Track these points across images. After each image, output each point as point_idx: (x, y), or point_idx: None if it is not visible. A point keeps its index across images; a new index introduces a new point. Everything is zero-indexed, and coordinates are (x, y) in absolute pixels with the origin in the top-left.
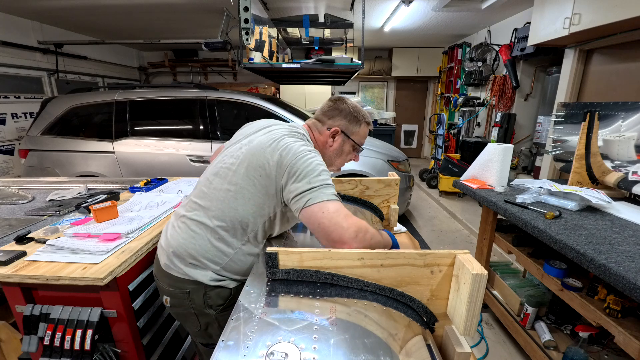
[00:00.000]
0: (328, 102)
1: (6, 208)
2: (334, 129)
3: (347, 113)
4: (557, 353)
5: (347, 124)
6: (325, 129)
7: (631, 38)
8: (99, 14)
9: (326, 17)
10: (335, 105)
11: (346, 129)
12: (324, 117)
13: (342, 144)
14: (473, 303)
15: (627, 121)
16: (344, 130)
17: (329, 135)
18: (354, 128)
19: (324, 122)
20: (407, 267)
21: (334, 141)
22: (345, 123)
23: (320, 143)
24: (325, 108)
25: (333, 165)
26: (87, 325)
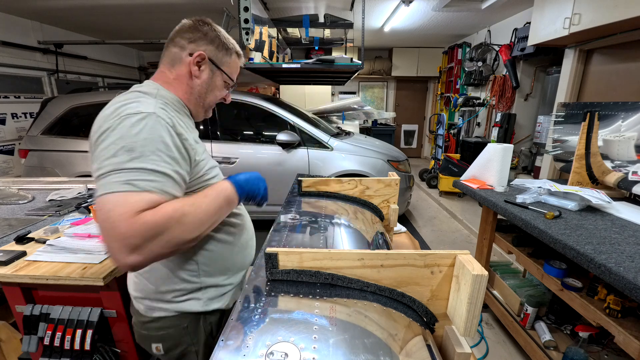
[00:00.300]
0: (188, 22)
1: (6, 208)
2: (198, 53)
3: (213, 37)
4: (557, 353)
5: (216, 51)
6: (186, 56)
7: (631, 38)
8: (99, 14)
9: (326, 17)
10: (196, 27)
11: (215, 56)
12: (183, 41)
13: (211, 76)
14: (473, 304)
15: (627, 121)
16: (211, 57)
17: (192, 62)
18: (224, 57)
19: (184, 47)
20: (407, 267)
21: (201, 71)
22: (212, 49)
23: (183, 77)
24: (183, 28)
25: (203, 104)
26: (87, 325)
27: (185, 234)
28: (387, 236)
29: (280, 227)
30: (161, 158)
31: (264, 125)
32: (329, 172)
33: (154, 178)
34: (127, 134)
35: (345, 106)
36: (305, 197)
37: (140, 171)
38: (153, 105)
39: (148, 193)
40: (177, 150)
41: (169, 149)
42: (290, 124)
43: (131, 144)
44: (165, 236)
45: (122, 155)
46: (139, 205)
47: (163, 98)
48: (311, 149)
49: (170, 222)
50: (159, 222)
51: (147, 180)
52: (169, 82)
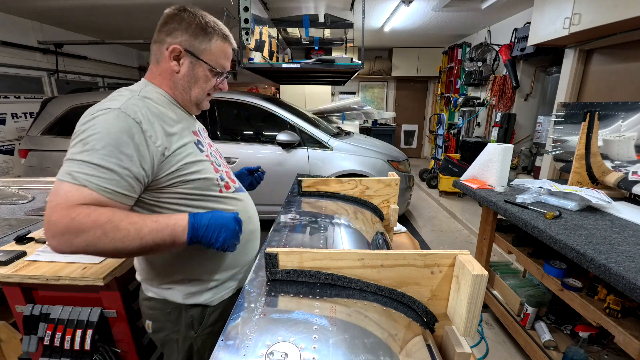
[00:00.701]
0: (166, 12)
1: (6, 208)
2: (172, 47)
3: (189, 23)
4: (557, 353)
5: (192, 40)
6: (164, 50)
7: (631, 38)
8: (99, 14)
9: (326, 17)
10: (174, 17)
11: (191, 46)
12: (162, 34)
13: (192, 68)
14: (473, 304)
15: (627, 121)
16: (188, 48)
17: (168, 57)
18: (201, 44)
19: (163, 41)
20: (407, 267)
21: (180, 65)
22: (187, 38)
23: (166, 73)
24: (162, 22)
25: (189, 97)
26: (87, 325)
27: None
28: (387, 236)
29: (280, 227)
30: (111, 153)
31: (264, 125)
32: (329, 172)
33: (95, 173)
34: (88, 128)
35: (345, 106)
36: (305, 197)
37: (84, 164)
38: (122, 102)
39: (85, 188)
40: (134, 147)
41: (123, 144)
42: (290, 124)
43: (87, 138)
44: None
45: (77, 147)
46: (75, 199)
47: (146, 94)
48: (311, 149)
49: (96, 229)
50: (85, 224)
51: (88, 175)
52: (155, 77)
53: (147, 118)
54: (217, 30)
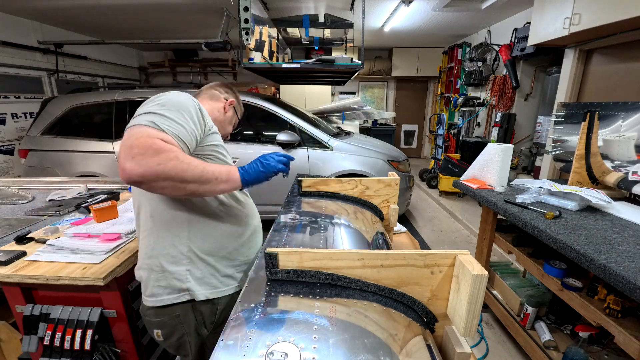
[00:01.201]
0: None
1: (6, 208)
2: (232, 100)
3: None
4: (557, 353)
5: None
6: (222, 98)
7: (631, 38)
8: (99, 14)
9: (326, 17)
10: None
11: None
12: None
13: (232, 115)
14: (473, 304)
15: (627, 121)
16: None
17: (228, 103)
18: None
19: (221, 92)
20: (408, 267)
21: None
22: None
23: (218, 108)
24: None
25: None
26: (87, 325)
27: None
28: (387, 236)
29: (280, 227)
30: (182, 115)
31: (264, 125)
32: (329, 172)
33: (171, 124)
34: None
35: (345, 106)
36: (305, 197)
37: (163, 117)
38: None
39: (164, 133)
40: (197, 118)
41: (190, 114)
42: (290, 124)
43: (164, 102)
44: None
45: (155, 106)
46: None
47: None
48: (311, 149)
49: (169, 152)
50: (162, 146)
51: (166, 125)
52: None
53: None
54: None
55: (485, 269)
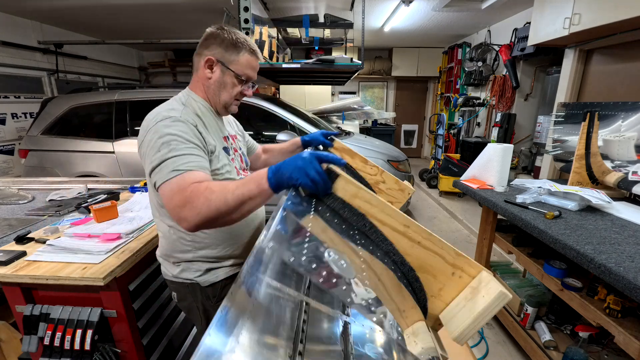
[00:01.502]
0: (207, 30)
1: (6, 208)
2: (207, 57)
3: (223, 39)
4: (557, 353)
5: (223, 52)
6: (202, 63)
7: (631, 38)
8: (99, 14)
9: (326, 17)
10: (212, 34)
11: (222, 57)
12: (201, 48)
13: (221, 76)
14: (482, 317)
15: (627, 121)
16: (220, 59)
17: (203, 66)
18: (231, 56)
19: (201, 54)
20: (437, 257)
21: (212, 72)
22: (221, 51)
23: (201, 79)
24: (202, 39)
25: (219, 101)
26: (87, 325)
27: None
28: None
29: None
30: (188, 145)
31: (264, 125)
32: None
33: (188, 160)
34: (165, 134)
35: (345, 106)
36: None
37: (179, 157)
38: (179, 112)
39: (190, 171)
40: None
41: (192, 138)
42: (290, 124)
43: (169, 140)
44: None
45: (164, 149)
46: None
47: (191, 103)
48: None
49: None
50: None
51: (185, 162)
52: (195, 85)
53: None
54: (245, 45)
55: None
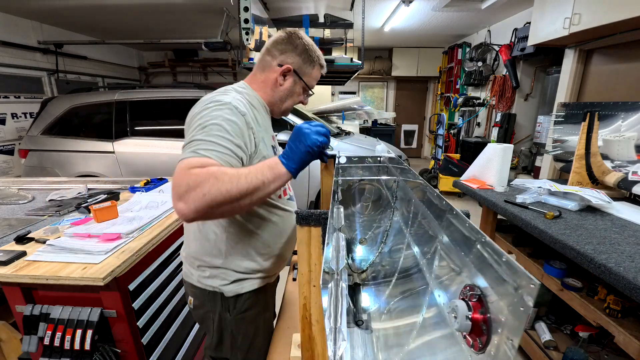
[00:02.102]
0: (281, 34)
1: (6, 208)
2: (286, 66)
3: (302, 50)
4: (557, 353)
5: (301, 63)
6: (275, 65)
7: (631, 38)
8: (99, 14)
9: (326, 17)
10: (289, 39)
11: (299, 68)
12: (275, 51)
13: (293, 85)
14: None
15: (627, 121)
16: (296, 69)
17: (279, 72)
18: (307, 69)
19: (275, 56)
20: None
21: (285, 80)
22: (299, 61)
23: (269, 82)
24: (277, 40)
25: (281, 106)
26: (87, 325)
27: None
28: None
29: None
30: (225, 134)
31: None
32: None
33: (213, 148)
34: (205, 115)
35: (345, 106)
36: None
37: (204, 142)
38: (232, 98)
39: (205, 158)
40: (240, 132)
41: (234, 129)
42: (290, 124)
43: (205, 122)
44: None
45: (197, 131)
46: (194, 163)
47: (246, 95)
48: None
49: (209, 176)
50: (200, 175)
51: (208, 149)
52: (257, 83)
53: (250, 114)
54: (318, 60)
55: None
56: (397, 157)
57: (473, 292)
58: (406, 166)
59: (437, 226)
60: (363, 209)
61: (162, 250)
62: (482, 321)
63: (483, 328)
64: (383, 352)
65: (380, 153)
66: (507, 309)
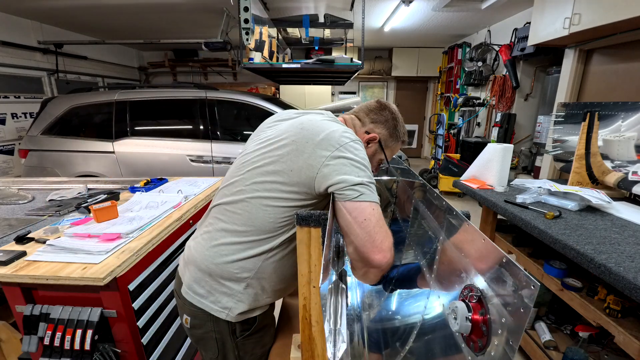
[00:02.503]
0: (375, 104)
1: (6, 208)
2: (374, 135)
3: (391, 125)
4: (557, 353)
5: (387, 136)
6: (363, 131)
7: (631, 38)
8: (99, 14)
9: (326, 17)
10: (381, 111)
11: (384, 140)
12: (367, 118)
13: (374, 153)
14: None
15: (627, 121)
16: (382, 140)
17: (365, 139)
18: (391, 142)
19: (365, 123)
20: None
21: (368, 148)
22: (385, 134)
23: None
24: (371, 108)
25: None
26: (87, 325)
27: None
28: None
29: None
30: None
31: None
32: None
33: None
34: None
35: (345, 106)
36: None
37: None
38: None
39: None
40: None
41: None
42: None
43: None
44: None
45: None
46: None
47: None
48: None
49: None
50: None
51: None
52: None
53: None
54: (402, 138)
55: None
56: (397, 157)
57: (473, 293)
58: (406, 166)
59: (436, 226)
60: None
61: (162, 250)
62: (482, 322)
63: (483, 329)
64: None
65: None
66: (507, 310)
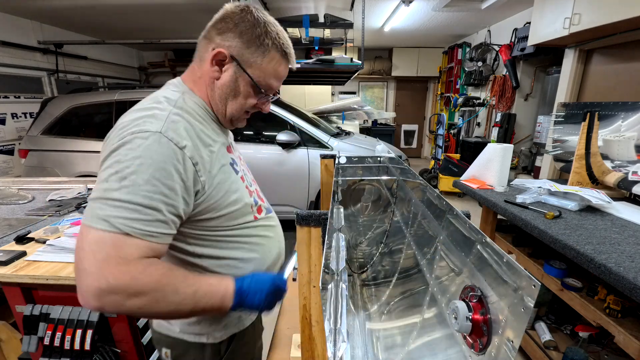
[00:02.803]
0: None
1: (6, 208)
2: (217, 50)
3: (245, 29)
4: (557, 353)
5: (243, 48)
6: (210, 50)
7: (631, 38)
8: (99, 14)
9: (326, 17)
10: (232, 14)
11: (240, 54)
12: (213, 31)
13: (234, 79)
14: None
15: (627, 121)
16: (236, 56)
17: (211, 60)
18: (253, 56)
19: (212, 39)
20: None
21: (222, 72)
22: (239, 45)
23: (206, 76)
24: (218, 17)
25: (225, 111)
26: (87, 326)
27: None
28: None
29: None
30: (155, 188)
31: (264, 125)
32: None
33: (138, 216)
34: (124, 156)
35: (345, 106)
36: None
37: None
38: (162, 123)
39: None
40: (179, 179)
41: (167, 176)
42: (290, 124)
43: (124, 170)
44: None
45: (113, 182)
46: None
47: (184, 106)
48: (311, 149)
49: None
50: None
51: (129, 219)
52: (195, 81)
53: (192, 142)
54: (277, 44)
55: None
56: (397, 157)
57: (473, 293)
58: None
59: (437, 226)
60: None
61: None
62: (483, 322)
63: (483, 329)
64: (383, 352)
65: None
66: (507, 309)
